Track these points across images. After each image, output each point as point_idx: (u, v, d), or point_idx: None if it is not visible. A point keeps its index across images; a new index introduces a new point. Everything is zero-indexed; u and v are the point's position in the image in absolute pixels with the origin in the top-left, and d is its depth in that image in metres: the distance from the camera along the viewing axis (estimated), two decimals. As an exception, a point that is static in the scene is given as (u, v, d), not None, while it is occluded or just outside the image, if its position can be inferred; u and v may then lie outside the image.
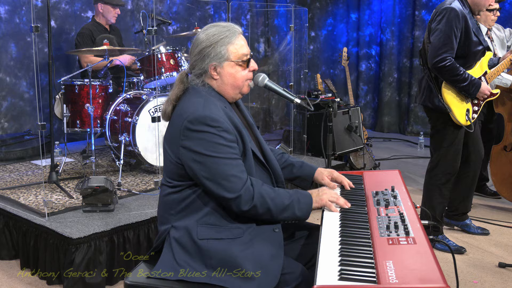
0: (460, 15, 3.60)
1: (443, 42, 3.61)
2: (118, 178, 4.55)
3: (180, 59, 5.10)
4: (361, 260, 1.73)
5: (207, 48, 2.20)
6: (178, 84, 2.28)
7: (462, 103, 3.78)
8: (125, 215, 3.73)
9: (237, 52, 2.22)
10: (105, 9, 5.69)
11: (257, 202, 2.11)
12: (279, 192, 2.19)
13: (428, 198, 4.01)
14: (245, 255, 2.08)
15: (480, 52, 3.78)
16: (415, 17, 8.26)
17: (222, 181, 2.08)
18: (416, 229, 1.92)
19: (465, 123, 3.77)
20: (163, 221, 2.27)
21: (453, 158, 3.89)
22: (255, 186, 2.13)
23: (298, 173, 2.55)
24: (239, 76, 2.24)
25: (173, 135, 2.18)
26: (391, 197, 2.27)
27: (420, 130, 8.20)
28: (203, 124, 2.08)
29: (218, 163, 2.08)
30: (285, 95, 2.54)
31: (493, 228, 4.41)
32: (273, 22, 8.78)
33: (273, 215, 2.15)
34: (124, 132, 4.75)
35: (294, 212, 2.18)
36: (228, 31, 2.22)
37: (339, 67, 9.01)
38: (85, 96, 4.83)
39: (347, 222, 2.06)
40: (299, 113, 6.37)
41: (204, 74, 2.24)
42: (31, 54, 6.02)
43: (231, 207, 2.12)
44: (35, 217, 3.68)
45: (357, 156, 5.94)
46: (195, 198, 2.17)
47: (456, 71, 3.63)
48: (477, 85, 3.71)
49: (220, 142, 2.08)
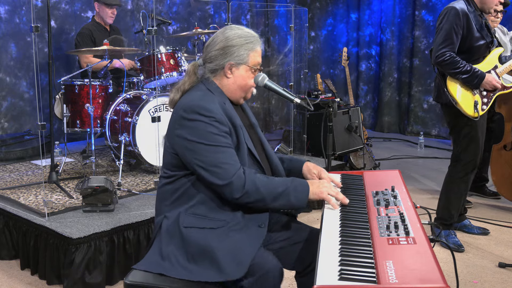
0: (460, 13, 3.78)
1: (444, 38, 3.80)
2: (118, 178, 4.55)
3: (180, 59, 5.10)
4: (361, 260, 1.73)
5: (231, 47, 2.28)
6: (190, 75, 2.35)
7: (469, 95, 3.86)
8: (125, 215, 3.73)
9: (255, 59, 2.33)
10: (100, 9, 5.68)
11: (249, 189, 2.13)
12: (274, 180, 2.21)
13: (445, 191, 4.09)
14: (222, 245, 2.09)
15: (483, 46, 3.87)
16: (415, 17, 8.26)
17: (213, 168, 2.12)
18: (416, 229, 1.92)
19: (473, 114, 3.84)
20: (158, 212, 2.33)
21: (473, 151, 3.94)
22: (247, 174, 2.15)
23: (288, 167, 2.56)
24: (249, 81, 2.35)
25: (170, 126, 2.24)
26: (391, 197, 2.27)
27: (420, 130, 8.20)
28: (196, 113, 2.14)
29: (210, 151, 2.13)
30: (285, 95, 2.54)
31: (493, 227, 4.41)
32: (273, 22, 8.79)
33: (266, 202, 2.16)
34: (124, 132, 4.75)
35: (289, 199, 2.18)
36: (254, 37, 2.33)
37: (339, 67, 9.02)
38: (85, 96, 4.83)
39: (347, 222, 2.06)
40: (299, 113, 6.37)
41: (220, 70, 2.30)
42: (31, 54, 6.03)
43: (224, 194, 2.14)
44: (35, 217, 3.68)
45: (357, 156, 5.94)
46: (187, 188, 2.22)
47: (457, 64, 3.78)
48: (480, 76, 3.81)
49: (212, 131, 2.14)
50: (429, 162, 6.72)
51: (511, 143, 4.76)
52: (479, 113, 3.84)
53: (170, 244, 2.16)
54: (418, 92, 8.35)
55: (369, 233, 1.93)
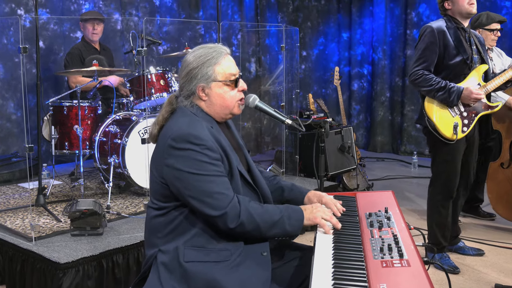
0: (436, 30, 3.77)
1: (417, 57, 3.81)
2: (107, 200, 4.53)
3: (170, 80, 5.11)
4: (355, 283, 1.72)
5: (194, 70, 2.24)
6: (166, 106, 2.32)
7: (448, 116, 3.80)
8: (114, 238, 3.70)
9: (224, 72, 2.26)
10: (83, 28, 5.71)
11: (244, 219, 2.10)
12: (268, 208, 2.19)
13: (428, 216, 4.06)
14: (230, 279, 2.06)
15: (459, 63, 3.79)
16: (406, 36, 8.35)
17: (206, 199, 2.08)
18: (410, 251, 1.92)
19: (451, 137, 3.77)
20: (150, 245, 2.25)
21: (449, 176, 3.90)
22: (241, 203, 2.12)
23: (289, 197, 2.54)
24: (228, 97, 2.28)
25: (157, 155, 2.20)
26: (385, 218, 2.28)
27: (414, 150, 8.23)
28: (186, 141, 2.10)
29: (202, 181, 2.08)
30: (276, 116, 2.55)
31: (488, 248, 4.41)
32: (264, 41, 8.85)
33: (262, 231, 2.14)
34: (114, 154, 4.74)
35: (285, 227, 2.16)
36: (215, 52, 2.26)
37: (331, 86, 9.06)
38: (73, 117, 4.82)
39: (340, 244, 2.05)
40: (291, 134, 6.39)
41: (192, 95, 2.27)
42: (19, 75, 6.02)
43: (218, 225, 2.11)
44: (21, 241, 3.65)
45: (350, 177, 5.95)
46: (182, 220, 2.17)
47: (429, 81, 3.73)
48: (456, 91, 3.72)
49: (204, 160, 2.09)
50: (423, 182, 6.73)
51: (508, 161, 4.78)
52: (458, 135, 3.77)
53: (170, 280, 2.10)
54: (410, 111, 8.40)
55: (363, 256, 1.93)
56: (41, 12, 6.19)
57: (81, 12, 6.47)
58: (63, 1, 6.43)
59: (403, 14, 8.37)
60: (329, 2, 9.15)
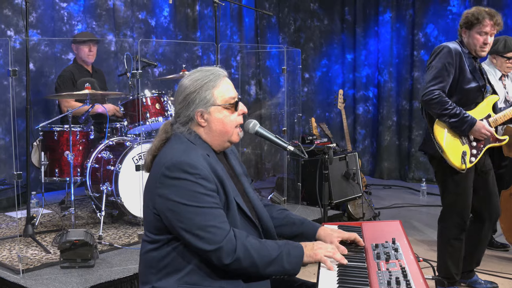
0: (453, 51, 3.76)
1: (433, 75, 3.75)
2: (99, 230, 4.52)
3: (166, 103, 5.13)
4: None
5: (191, 94, 2.23)
6: (160, 134, 2.31)
7: (457, 144, 3.80)
8: (106, 271, 3.69)
9: (223, 95, 2.25)
10: (78, 50, 5.77)
11: (241, 255, 2.06)
12: (266, 243, 2.15)
13: (440, 252, 4.02)
14: None
15: (474, 89, 3.82)
16: (413, 58, 8.39)
17: (199, 232, 2.04)
18: (419, 284, 1.91)
19: (460, 166, 3.76)
20: (144, 280, 2.23)
21: (461, 209, 3.88)
22: (238, 237, 2.08)
23: (299, 231, 2.48)
24: (228, 121, 2.27)
25: (150, 184, 2.18)
26: (392, 250, 2.27)
27: (422, 177, 8.21)
28: (181, 170, 2.07)
29: (195, 213, 2.05)
30: (278, 143, 2.56)
31: (502, 281, 4.38)
32: (264, 63, 8.91)
33: (259, 269, 2.10)
34: (106, 181, 4.74)
35: (283, 265, 2.12)
36: (212, 75, 2.26)
37: (335, 110, 9.09)
38: (64, 143, 4.84)
39: (346, 278, 2.05)
40: (293, 160, 6.40)
41: (190, 121, 2.26)
42: (8, 99, 6.05)
43: (212, 260, 2.07)
44: (8, 274, 3.64)
45: (356, 205, 5.94)
46: (175, 256, 2.14)
47: (445, 104, 3.69)
48: (470, 122, 3.73)
49: (198, 191, 2.07)
50: (433, 210, 6.71)
51: (520, 189, 4.78)
52: (467, 165, 3.76)
53: None
54: (419, 136, 8.39)
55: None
56: (31, 33, 6.24)
57: (73, 33, 6.52)
58: (55, 22, 6.49)
59: (410, 34, 8.43)
60: (332, 22, 9.23)
